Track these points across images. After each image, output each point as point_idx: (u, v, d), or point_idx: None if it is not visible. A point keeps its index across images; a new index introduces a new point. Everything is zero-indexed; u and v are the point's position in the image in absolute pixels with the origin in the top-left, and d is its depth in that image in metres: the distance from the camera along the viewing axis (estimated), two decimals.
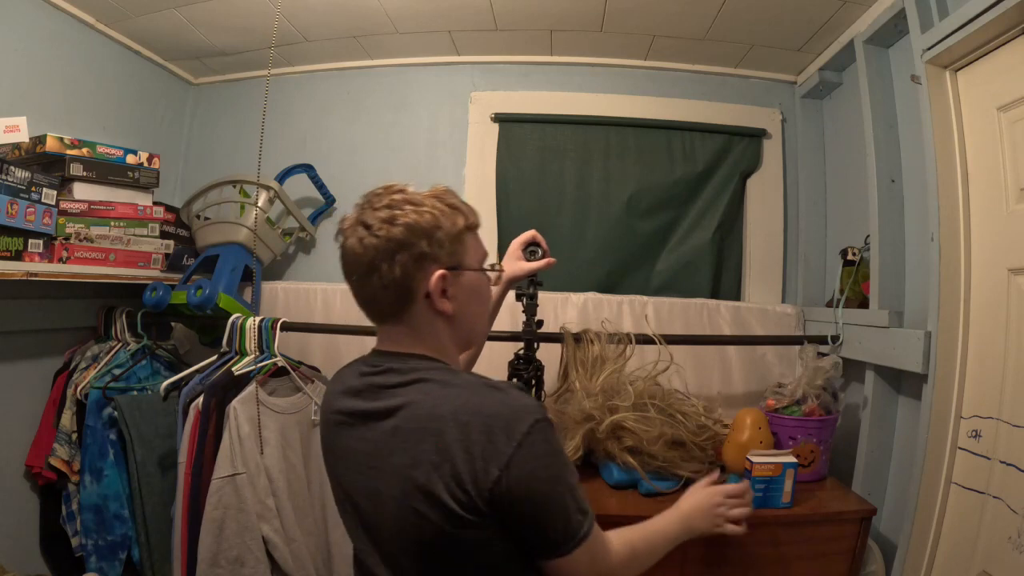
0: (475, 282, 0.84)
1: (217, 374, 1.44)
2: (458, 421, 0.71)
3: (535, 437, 0.70)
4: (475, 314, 0.86)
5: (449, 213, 0.80)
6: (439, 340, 0.82)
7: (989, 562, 1.14)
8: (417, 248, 0.76)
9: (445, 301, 0.79)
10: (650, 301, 1.86)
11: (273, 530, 1.37)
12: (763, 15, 1.67)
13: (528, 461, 0.70)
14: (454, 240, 0.80)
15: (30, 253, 1.36)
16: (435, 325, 0.81)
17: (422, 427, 0.73)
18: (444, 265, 0.78)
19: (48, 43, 1.62)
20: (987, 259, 1.23)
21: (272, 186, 1.82)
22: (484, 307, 0.89)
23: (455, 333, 0.84)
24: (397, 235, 0.76)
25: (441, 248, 0.78)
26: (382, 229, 0.76)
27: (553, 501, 0.72)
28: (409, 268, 0.76)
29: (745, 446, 1.40)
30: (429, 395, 0.75)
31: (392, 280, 0.76)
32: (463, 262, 0.82)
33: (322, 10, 1.74)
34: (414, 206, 0.78)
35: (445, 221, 0.79)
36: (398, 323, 0.81)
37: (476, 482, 0.69)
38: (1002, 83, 1.19)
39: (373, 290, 0.78)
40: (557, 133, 2.03)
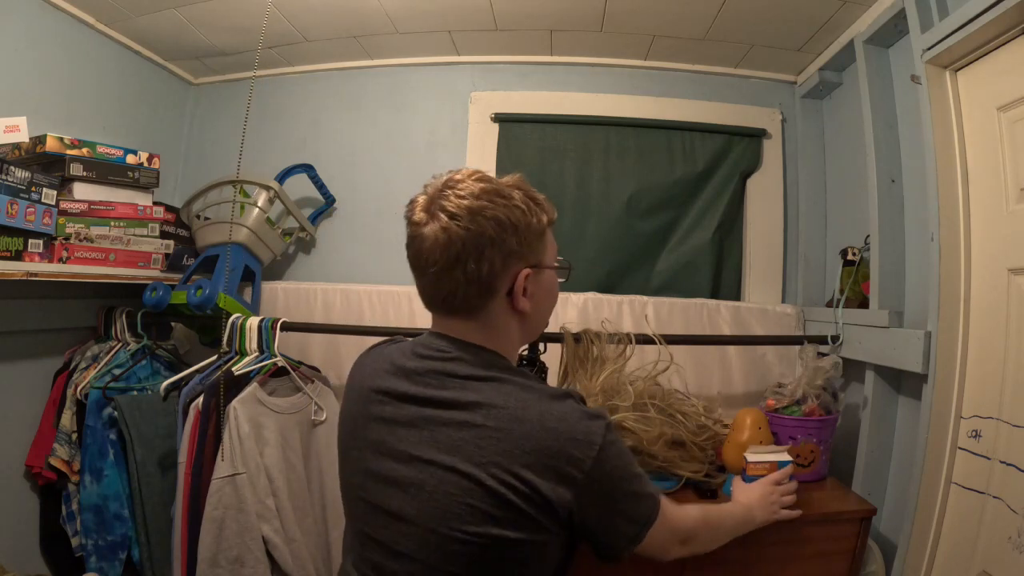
0: (552, 281, 0.84)
1: (217, 374, 1.44)
2: (544, 427, 0.70)
3: (609, 441, 0.73)
4: (546, 312, 0.86)
5: (535, 208, 0.78)
6: (509, 336, 0.81)
7: (989, 562, 1.14)
8: (507, 245, 0.74)
9: (525, 300, 0.78)
10: (650, 301, 1.86)
11: (273, 530, 1.36)
12: (763, 15, 1.67)
13: (606, 464, 0.72)
14: (538, 237, 0.78)
15: (30, 253, 1.36)
16: (509, 322, 0.79)
17: (504, 428, 0.70)
18: (529, 263, 0.77)
19: (48, 43, 1.62)
20: (987, 259, 1.23)
21: (272, 186, 1.82)
22: (554, 304, 0.88)
23: (525, 330, 0.83)
24: (488, 229, 0.72)
25: (528, 246, 0.76)
26: (471, 221, 0.72)
27: (630, 495, 0.77)
28: (497, 265, 0.74)
29: (745, 446, 1.40)
30: (511, 396, 0.73)
31: (477, 276, 0.73)
32: (543, 260, 0.80)
33: (322, 10, 1.74)
34: (504, 199, 0.74)
35: (532, 217, 0.77)
36: (471, 318, 0.78)
37: (556, 488, 0.69)
38: (1002, 83, 1.19)
39: (455, 284, 0.74)
40: (557, 133, 2.03)
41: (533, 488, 0.69)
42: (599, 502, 0.73)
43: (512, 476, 0.69)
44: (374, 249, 2.06)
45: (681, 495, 1.37)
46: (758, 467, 1.26)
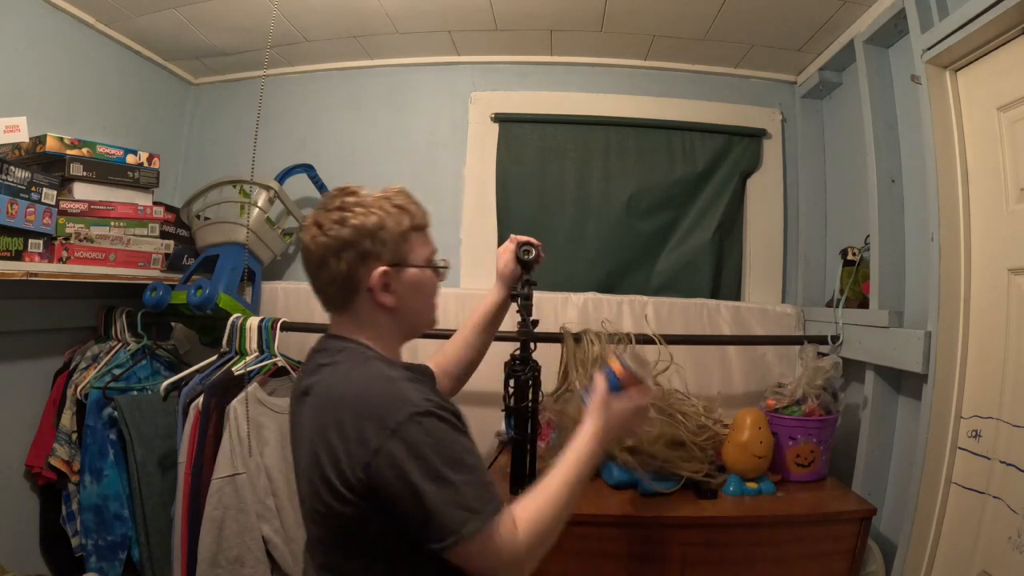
0: (418, 278, 0.90)
1: (217, 374, 1.44)
2: (348, 406, 0.78)
3: (410, 429, 0.74)
4: (417, 308, 0.92)
5: (395, 214, 0.87)
6: (379, 330, 0.90)
7: (989, 562, 1.14)
8: (362, 247, 0.84)
9: (386, 295, 0.87)
10: (650, 301, 1.86)
11: (273, 530, 1.37)
12: (763, 15, 1.67)
13: (397, 452, 0.74)
14: (398, 239, 0.87)
15: (30, 253, 1.36)
16: (376, 316, 0.88)
17: (323, 407, 0.81)
18: (386, 262, 0.86)
19: (48, 43, 1.62)
20: (987, 259, 1.23)
21: (272, 186, 1.82)
22: (430, 298, 0.95)
23: (396, 324, 0.91)
24: (345, 235, 0.84)
25: (384, 247, 0.86)
26: (332, 229, 0.84)
27: (425, 495, 0.73)
28: (354, 265, 0.85)
29: (745, 446, 1.40)
30: (334, 377, 0.83)
31: (339, 274, 0.85)
32: (406, 260, 0.88)
33: (322, 10, 1.74)
34: (363, 208, 0.85)
35: (390, 221, 0.86)
36: (343, 312, 0.90)
37: (351, 465, 0.75)
38: (1002, 83, 1.19)
39: (323, 283, 0.88)
40: (557, 133, 2.03)
41: (337, 463, 0.76)
42: (390, 491, 0.74)
43: (326, 453, 0.77)
44: None
45: (681, 495, 1.37)
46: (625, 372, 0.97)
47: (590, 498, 1.37)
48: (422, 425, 0.75)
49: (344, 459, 0.75)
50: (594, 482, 1.46)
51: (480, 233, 2.01)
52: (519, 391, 1.26)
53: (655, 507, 1.33)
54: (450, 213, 2.04)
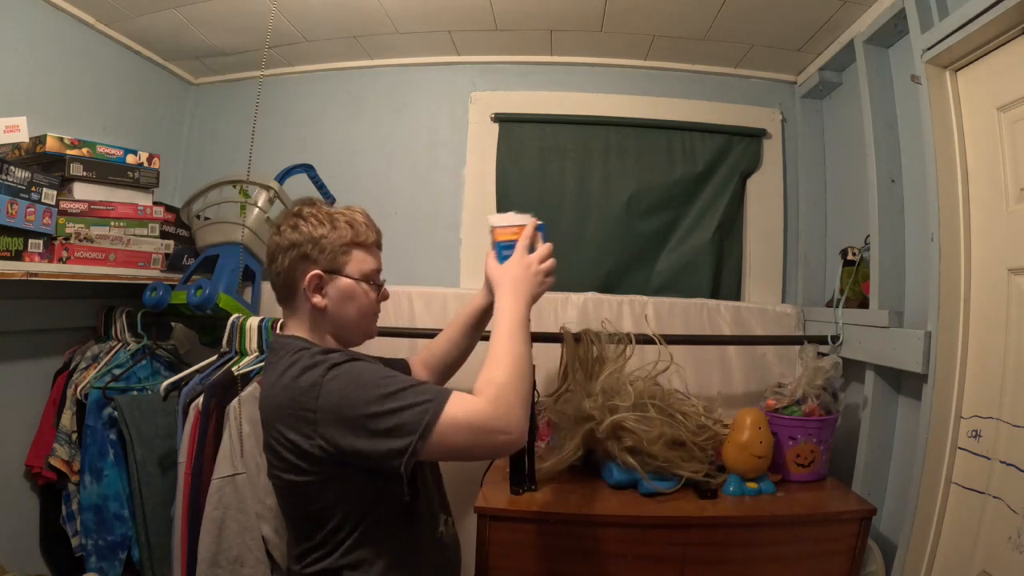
0: (350, 289, 0.99)
1: (217, 374, 1.44)
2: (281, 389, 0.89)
3: (329, 378, 0.85)
4: (347, 315, 1.00)
5: (342, 227, 0.98)
6: (315, 328, 1.00)
7: (989, 562, 1.14)
8: (302, 250, 0.96)
9: (317, 297, 0.97)
10: (650, 301, 1.86)
11: (273, 530, 1.36)
12: (763, 15, 1.67)
13: (332, 397, 0.84)
14: (337, 250, 0.98)
15: (30, 253, 1.36)
16: (312, 315, 0.99)
17: (264, 403, 0.93)
18: (321, 268, 0.97)
19: (48, 43, 1.62)
20: (987, 259, 1.23)
21: (272, 186, 1.82)
22: (358, 312, 1.01)
23: (330, 326, 1.00)
24: (292, 238, 0.97)
25: (322, 254, 0.97)
26: (285, 231, 0.98)
27: (380, 415, 0.82)
28: (293, 264, 0.97)
29: (745, 446, 1.40)
30: (271, 368, 0.94)
31: (281, 270, 0.99)
32: (342, 269, 0.99)
33: (322, 10, 1.74)
34: (315, 220, 0.98)
35: (333, 234, 0.97)
36: (287, 308, 1.02)
37: (304, 434, 0.85)
38: (1002, 83, 1.19)
39: (271, 276, 1.02)
40: (557, 133, 2.03)
41: (290, 440, 0.87)
42: (347, 432, 0.83)
43: (277, 433, 0.89)
44: None
45: (681, 495, 1.37)
46: (506, 231, 1.09)
47: (590, 498, 1.37)
48: (333, 373, 0.85)
49: (294, 435, 0.86)
50: (594, 482, 1.46)
51: (480, 233, 2.00)
52: None
53: (655, 507, 1.33)
54: (450, 213, 2.04)
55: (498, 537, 1.29)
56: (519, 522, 1.29)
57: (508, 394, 0.85)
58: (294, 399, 0.86)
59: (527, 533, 1.29)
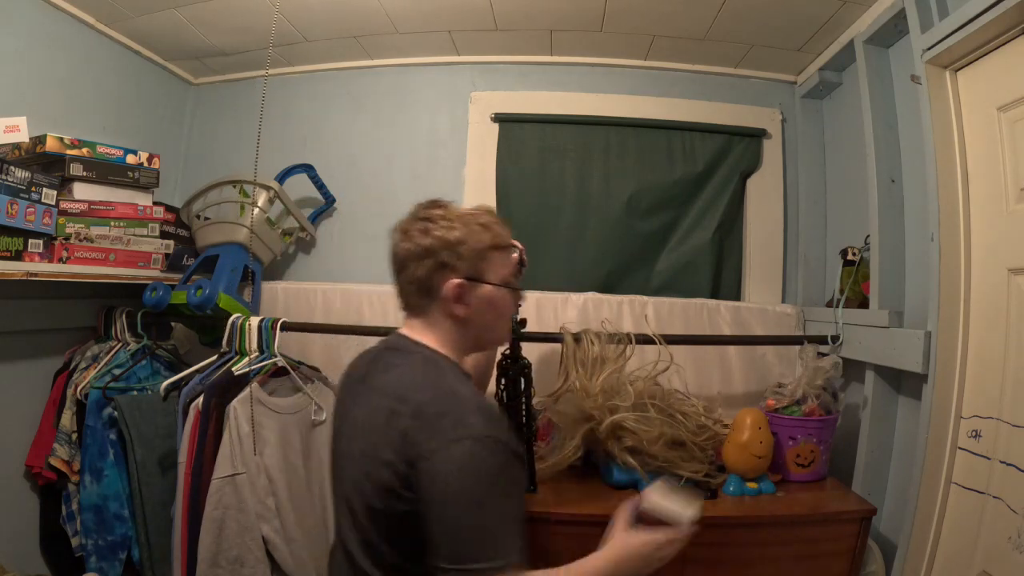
0: (492, 295, 0.93)
1: (217, 374, 1.44)
2: (417, 409, 0.81)
3: (463, 449, 0.76)
4: (488, 323, 0.95)
5: (477, 231, 0.91)
6: (448, 338, 0.93)
7: (989, 562, 1.14)
8: (440, 257, 0.89)
9: (459, 306, 0.90)
10: (650, 301, 1.86)
11: (273, 530, 1.37)
12: (763, 15, 1.67)
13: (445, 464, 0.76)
14: (477, 255, 0.91)
15: (30, 253, 1.36)
16: (448, 324, 0.92)
17: (390, 406, 0.83)
18: (462, 275, 0.89)
19: (48, 43, 1.62)
20: (987, 259, 1.23)
21: (272, 186, 1.82)
22: (502, 318, 0.98)
23: (465, 335, 0.94)
24: (426, 243, 0.89)
25: (462, 260, 0.89)
26: (416, 236, 0.90)
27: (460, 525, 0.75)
28: (431, 272, 0.89)
29: (745, 446, 1.41)
30: (403, 380, 0.87)
31: (416, 279, 0.90)
32: (483, 276, 0.92)
33: (322, 10, 1.74)
34: (447, 222, 0.90)
35: (471, 238, 0.90)
36: (417, 316, 0.94)
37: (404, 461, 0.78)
38: (1002, 83, 1.19)
39: (401, 284, 0.94)
40: (557, 133, 2.03)
41: (396, 466, 0.79)
42: (427, 505, 0.77)
43: (377, 449, 0.82)
44: (374, 249, 2.04)
45: None
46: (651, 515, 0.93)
47: (590, 498, 1.37)
48: (477, 449, 0.77)
49: (399, 456, 0.78)
50: (594, 482, 1.46)
51: None
52: (510, 388, 1.28)
53: None
54: None
55: None
56: None
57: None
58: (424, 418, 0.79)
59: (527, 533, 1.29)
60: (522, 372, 1.38)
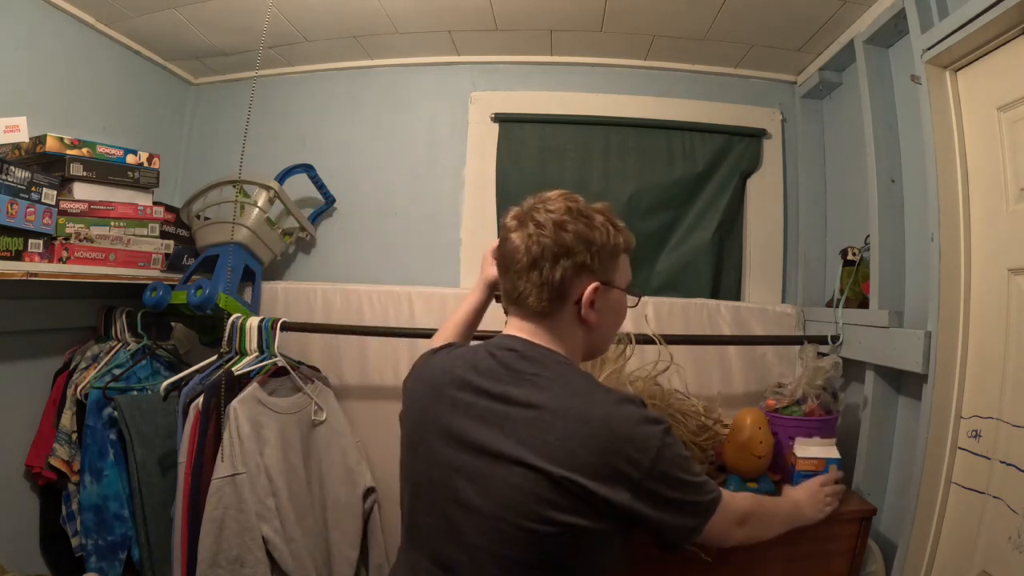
0: (619, 301, 0.90)
1: (217, 374, 1.44)
2: (608, 428, 0.75)
3: (666, 444, 0.77)
4: (610, 329, 0.92)
5: (613, 232, 0.86)
6: (575, 345, 0.87)
7: (989, 562, 1.14)
8: (580, 257, 0.82)
9: (592, 312, 0.85)
10: (650, 301, 1.86)
11: (273, 530, 1.37)
12: (763, 15, 1.67)
13: (663, 465, 0.77)
14: (611, 257, 0.86)
15: (30, 253, 1.36)
16: (575, 331, 0.86)
17: (571, 427, 0.75)
18: (599, 279, 0.84)
19: (48, 43, 1.62)
20: (987, 259, 1.23)
21: (272, 186, 1.82)
22: (618, 326, 0.94)
23: (588, 342, 0.89)
24: (566, 240, 0.81)
25: (600, 263, 0.84)
26: (552, 232, 0.82)
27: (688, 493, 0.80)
28: (568, 274, 0.82)
29: (745, 446, 1.40)
30: (577, 397, 0.78)
31: (550, 281, 0.82)
32: (614, 280, 0.87)
33: (322, 10, 1.74)
34: (586, 218, 0.84)
35: (609, 239, 0.85)
36: (542, 321, 0.86)
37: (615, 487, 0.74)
38: (1002, 83, 1.18)
39: (531, 286, 0.84)
40: (557, 133, 2.03)
41: (594, 487, 0.73)
42: (658, 501, 0.77)
43: (576, 473, 0.73)
44: (374, 249, 2.06)
45: None
46: (807, 463, 1.31)
47: None
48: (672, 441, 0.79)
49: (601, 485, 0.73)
50: None
51: (480, 233, 2.00)
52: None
53: None
54: (450, 213, 2.03)
55: None
56: None
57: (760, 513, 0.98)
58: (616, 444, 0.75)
59: None
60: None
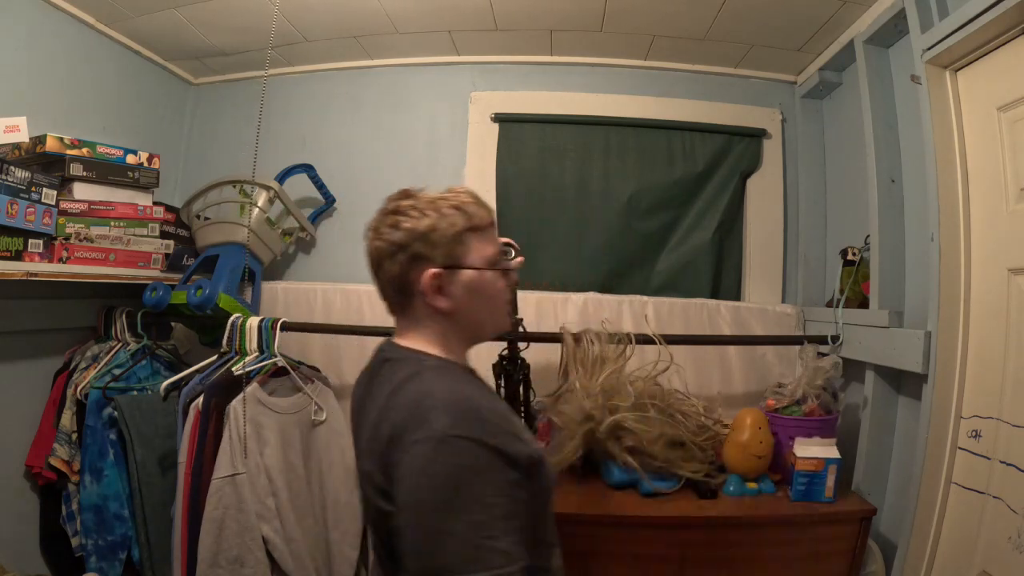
0: (475, 280, 0.86)
1: (217, 374, 1.44)
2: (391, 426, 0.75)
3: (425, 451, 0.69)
4: (477, 310, 0.88)
5: (450, 215, 0.85)
6: (437, 335, 0.87)
7: (989, 562, 1.14)
8: (412, 249, 0.83)
9: (440, 298, 0.84)
10: (650, 301, 1.86)
11: (273, 530, 1.37)
12: (763, 15, 1.67)
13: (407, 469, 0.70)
14: (452, 241, 0.84)
15: (30, 253, 1.36)
16: (434, 320, 0.86)
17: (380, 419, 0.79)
18: (438, 265, 0.83)
19: (48, 43, 1.62)
20: (987, 259, 1.23)
21: (272, 186, 1.82)
22: (491, 303, 0.90)
23: (457, 328, 0.88)
24: (397, 239, 0.84)
25: (435, 249, 0.83)
26: (386, 233, 0.85)
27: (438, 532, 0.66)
28: (405, 267, 0.84)
29: (745, 446, 1.40)
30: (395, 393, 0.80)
31: (392, 277, 0.85)
32: (463, 261, 0.85)
33: (322, 10, 1.74)
34: (418, 212, 0.84)
35: (443, 223, 0.84)
36: (403, 317, 0.89)
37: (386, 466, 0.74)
38: (1002, 83, 1.19)
39: (381, 286, 0.88)
40: (557, 133, 2.03)
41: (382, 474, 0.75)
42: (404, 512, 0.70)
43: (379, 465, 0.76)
44: None
45: (681, 495, 1.37)
46: (807, 463, 1.31)
47: (590, 498, 1.37)
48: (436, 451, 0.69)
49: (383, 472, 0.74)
50: (594, 482, 1.46)
51: None
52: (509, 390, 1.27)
53: (655, 507, 1.33)
54: None
55: None
56: None
57: None
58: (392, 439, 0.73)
59: None
60: (520, 373, 1.38)
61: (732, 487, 1.40)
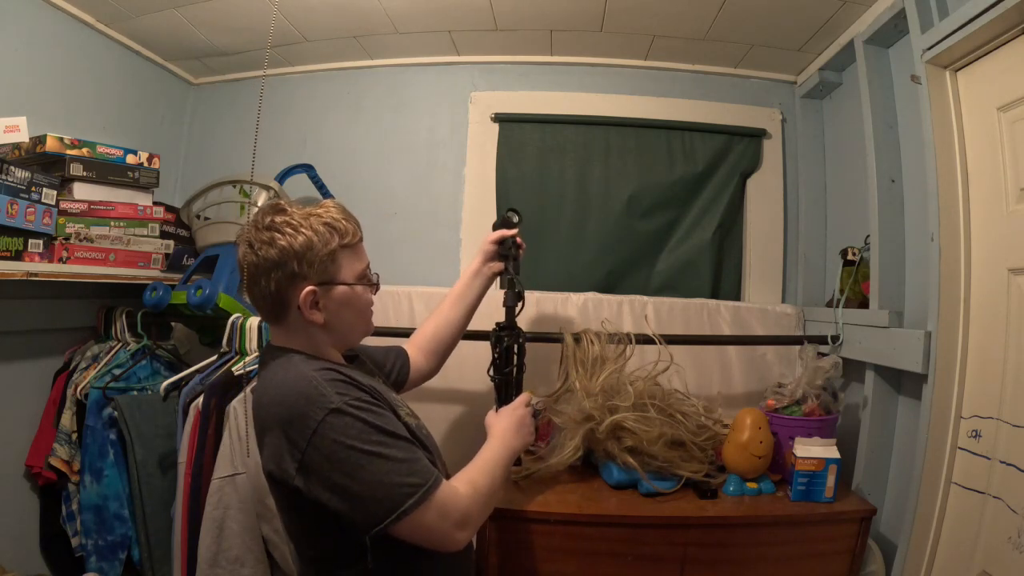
0: (347, 295, 0.94)
1: (217, 374, 1.44)
2: (273, 407, 0.84)
3: (329, 425, 0.79)
4: (348, 321, 0.96)
5: (323, 233, 0.90)
6: (312, 342, 0.94)
7: (989, 562, 1.14)
8: (289, 268, 0.88)
9: (315, 312, 0.91)
10: (650, 301, 1.86)
11: (273, 530, 1.36)
12: (763, 15, 1.67)
13: (319, 461, 0.80)
14: (326, 259, 0.90)
15: (30, 253, 1.36)
16: (308, 330, 0.93)
17: (255, 414, 0.89)
18: (314, 282, 0.89)
19: (48, 43, 1.62)
20: (987, 259, 1.23)
21: (272, 186, 1.82)
22: (357, 315, 0.98)
23: (329, 337, 0.95)
24: (272, 256, 0.87)
25: (311, 267, 0.89)
26: (261, 249, 0.88)
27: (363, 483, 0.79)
28: (282, 284, 0.88)
29: (745, 446, 1.40)
30: (261, 386, 0.89)
31: (268, 293, 0.89)
32: (336, 278, 0.92)
33: (322, 10, 1.74)
34: (292, 229, 0.88)
35: (318, 241, 0.89)
36: (277, 325, 0.94)
37: (283, 471, 0.82)
38: (1002, 83, 1.19)
39: (255, 298, 0.93)
40: (557, 133, 2.03)
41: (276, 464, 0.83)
42: (325, 484, 0.80)
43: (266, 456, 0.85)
44: (374, 249, 2.01)
45: (681, 495, 1.37)
46: (807, 463, 1.33)
47: (590, 498, 1.37)
48: (333, 427, 0.80)
49: (277, 466, 0.82)
50: (594, 482, 1.46)
51: (480, 233, 1.99)
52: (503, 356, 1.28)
53: (655, 507, 1.33)
54: (450, 213, 2.04)
55: (498, 537, 1.29)
56: (519, 522, 1.29)
57: (481, 500, 0.90)
58: (286, 422, 0.82)
59: (527, 533, 1.29)
60: (516, 341, 1.34)
61: (732, 487, 1.40)
